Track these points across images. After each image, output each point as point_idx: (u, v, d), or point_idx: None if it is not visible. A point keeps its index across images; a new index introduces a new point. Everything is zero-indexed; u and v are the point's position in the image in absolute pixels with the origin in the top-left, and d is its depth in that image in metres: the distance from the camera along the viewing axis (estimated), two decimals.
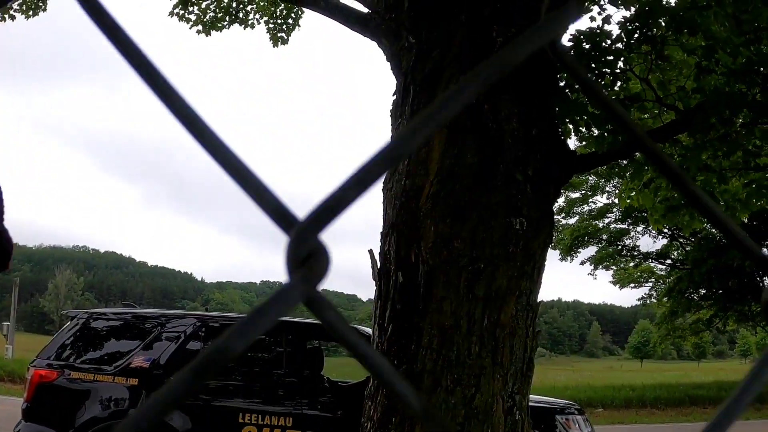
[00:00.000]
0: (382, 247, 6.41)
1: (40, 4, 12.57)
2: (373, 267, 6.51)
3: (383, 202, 6.51)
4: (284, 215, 0.51)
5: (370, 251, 6.63)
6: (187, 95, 0.55)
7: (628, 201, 10.37)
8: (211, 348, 0.47)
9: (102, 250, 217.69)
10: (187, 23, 12.48)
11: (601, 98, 0.66)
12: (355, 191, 0.51)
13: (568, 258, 35.33)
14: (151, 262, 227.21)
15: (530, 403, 6.38)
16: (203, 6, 12.44)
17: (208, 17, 12.57)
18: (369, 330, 7.96)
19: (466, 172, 6.00)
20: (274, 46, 13.21)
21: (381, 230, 6.48)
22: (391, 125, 6.69)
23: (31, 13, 12.54)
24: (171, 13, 12.39)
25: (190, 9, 12.36)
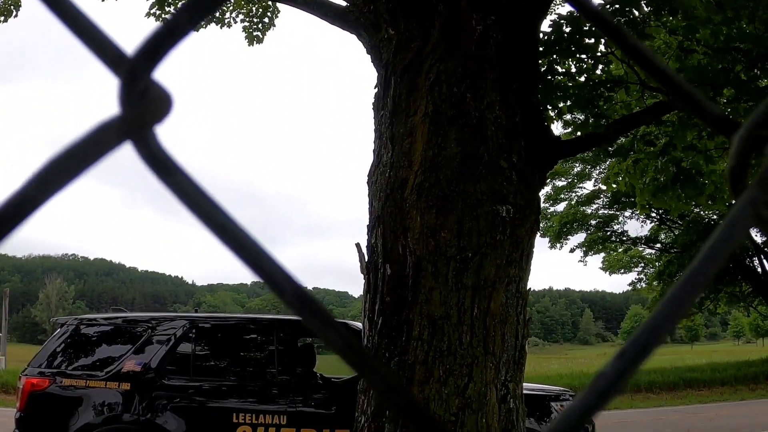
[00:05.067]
0: (369, 240, 6.38)
1: (12, 9, 12.46)
2: (360, 260, 6.48)
3: (369, 195, 6.48)
4: (113, 53, 0.43)
5: (357, 245, 6.61)
6: None
7: (615, 186, 10.35)
8: (10, 196, 0.38)
9: (92, 258, 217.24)
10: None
11: None
12: (186, 20, 0.44)
13: (558, 245, 35.41)
14: (141, 268, 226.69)
15: (524, 391, 6.37)
16: (179, 6, 12.35)
17: None
18: (360, 324, 7.93)
19: (450, 161, 5.97)
20: (249, 45, 13.17)
21: (367, 224, 6.45)
22: (374, 117, 6.66)
23: (2, 18, 12.42)
24: (148, 14, 12.31)
25: (167, 9, 12.27)
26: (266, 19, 13.12)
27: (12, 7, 12.46)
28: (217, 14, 12.73)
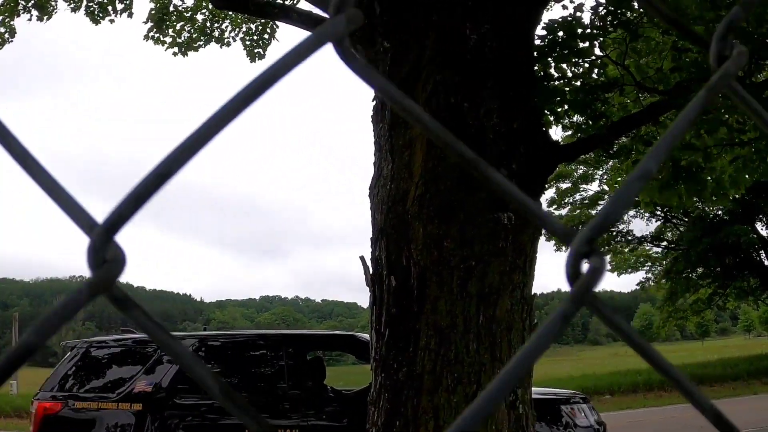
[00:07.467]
0: (373, 253, 6.41)
1: (8, 37, 12.51)
2: (365, 273, 6.51)
3: (371, 208, 6.50)
4: (85, 219, 0.56)
5: (362, 258, 6.63)
6: None
7: (617, 187, 10.37)
8: (16, 345, 0.53)
9: None
10: (163, 45, 12.45)
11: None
12: (146, 191, 0.56)
13: (564, 248, 35.36)
14: (149, 287, 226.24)
15: (534, 396, 6.39)
16: (178, 27, 12.40)
17: (183, 38, 12.55)
18: (368, 336, 7.95)
19: (449, 171, 6.00)
20: (251, 62, 13.24)
21: (370, 236, 6.48)
22: (373, 130, 6.69)
23: None
24: (146, 37, 12.36)
25: (166, 31, 12.33)
26: (266, 36, 13.20)
27: (7, 35, 12.53)
28: (216, 34, 12.82)
